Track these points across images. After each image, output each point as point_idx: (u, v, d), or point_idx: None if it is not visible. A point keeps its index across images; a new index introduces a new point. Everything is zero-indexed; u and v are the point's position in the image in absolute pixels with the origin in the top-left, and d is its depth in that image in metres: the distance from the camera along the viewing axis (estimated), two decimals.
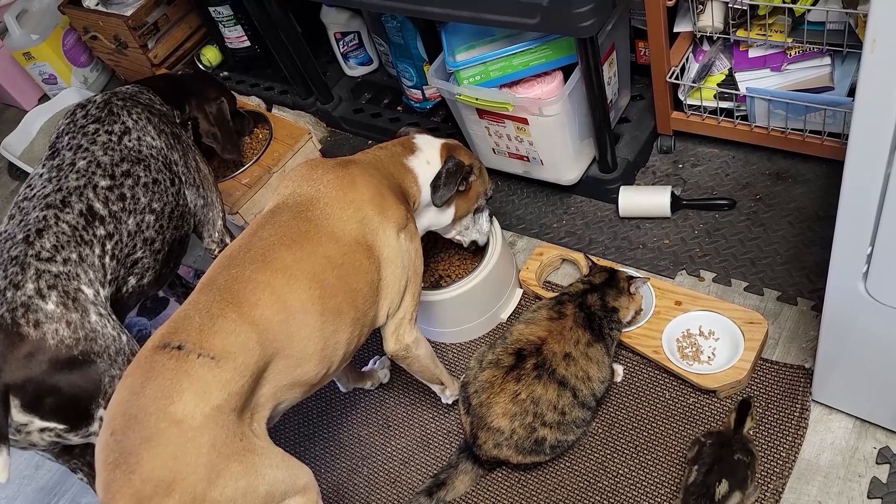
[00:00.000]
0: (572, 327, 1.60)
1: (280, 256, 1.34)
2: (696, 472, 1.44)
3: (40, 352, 1.35)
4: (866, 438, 1.51)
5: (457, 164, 1.63)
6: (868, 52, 0.91)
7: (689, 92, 1.97)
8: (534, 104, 1.82)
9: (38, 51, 3.25)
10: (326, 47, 2.72)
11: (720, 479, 1.41)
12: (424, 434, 1.81)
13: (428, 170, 1.63)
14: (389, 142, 1.67)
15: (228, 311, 1.26)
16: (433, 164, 1.64)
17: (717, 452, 1.45)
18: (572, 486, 1.62)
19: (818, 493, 1.47)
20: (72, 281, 1.43)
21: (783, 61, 1.81)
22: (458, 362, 1.91)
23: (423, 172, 1.62)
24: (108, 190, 1.57)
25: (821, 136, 1.83)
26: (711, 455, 1.45)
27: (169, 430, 1.13)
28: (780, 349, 1.68)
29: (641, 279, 1.69)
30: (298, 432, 1.92)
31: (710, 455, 1.45)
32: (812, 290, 1.73)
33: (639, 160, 2.11)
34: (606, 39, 1.87)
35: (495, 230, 1.88)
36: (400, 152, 1.62)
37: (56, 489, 2.05)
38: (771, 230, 1.88)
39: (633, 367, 1.75)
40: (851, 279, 1.24)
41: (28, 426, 1.37)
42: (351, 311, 1.39)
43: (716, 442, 1.47)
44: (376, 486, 1.76)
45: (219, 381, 1.19)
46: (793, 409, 1.58)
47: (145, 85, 1.88)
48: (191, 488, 1.12)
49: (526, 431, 1.54)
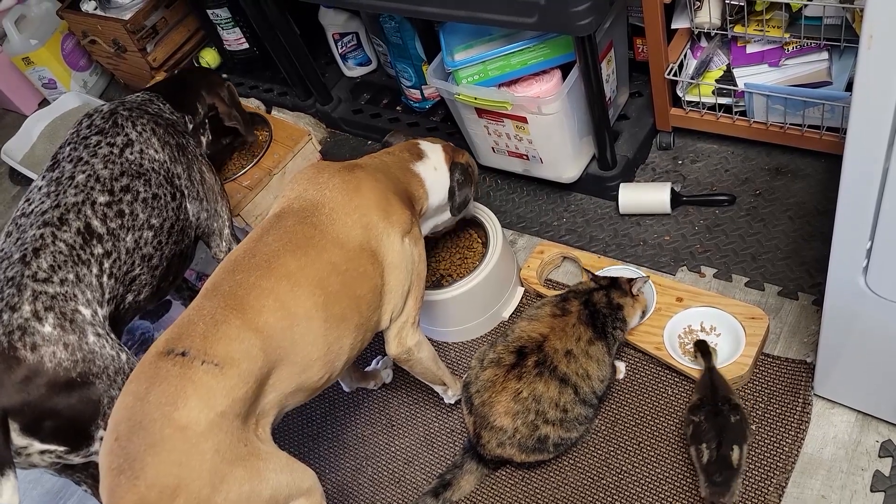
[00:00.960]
0: (575, 324, 1.61)
1: (284, 262, 1.34)
2: (706, 450, 1.46)
3: (38, 375, 1.34)
4: (869, 432, 1.51)
5: (463, 171, 1.68)
6: (865, 48, 0.92)
7: (688, 88, 1.97)
8: (532, 103, 1.83)
9: (38, 56, 3.25)
10: (325, 48, 2.73)
11: (731, 446, 1.45)
12: (428, 433, 1.81)
13: (435, 175, 1.65)
14: (396, 146, 1.69)
15: (232, 317, 1.26)
16: (440, 170, 1.66)
17: (716, 423, 1.48)
18: (576, 483, 1.62)
19: (821, 487, 1.47)
20: (69, 302, 1.42)
21: (781, 56, 1.81)
22: (460, 361, 1.91)
23: (430, 177, 1.65)
24: (107, 206, 1.55)
25: (819, 131, 1.84)
26: (713, 428, 1.47)
27: (173, 437, 1.14)
28: (781, 344, 1.68)
29: (642, 278, 1.70)
30: (303, 432, 1.93)
31: (711, 429, 1.48)
32: (813, 284, 1.74)
33: (638, 157, 2.11)
34: (604, 37, 1.88)
35: (495, 228, 1.89)
36: (407, 158, 1.64)
37: (62, 492, 2.06)
38: (771, 225, 1.88)
39: (636, 363, 1.75)
40: (851, 274, 1.24)
41: (28, 448, 1.36)
42: (355, 316, 1.40)
43: (708, 414, 1.50)
44: (380, 485, 1.77)
45: (223, 388, 1.19)
46: (795, 403, 1.58)
47: (155, 92, 1.88)
48: (195, 494, 1.13)
49: (528, 430, 1.55)
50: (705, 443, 1.47)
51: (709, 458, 1.46)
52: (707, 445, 1.47)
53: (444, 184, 1.67)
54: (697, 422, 1.51)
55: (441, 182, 1.67)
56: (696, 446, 1.49)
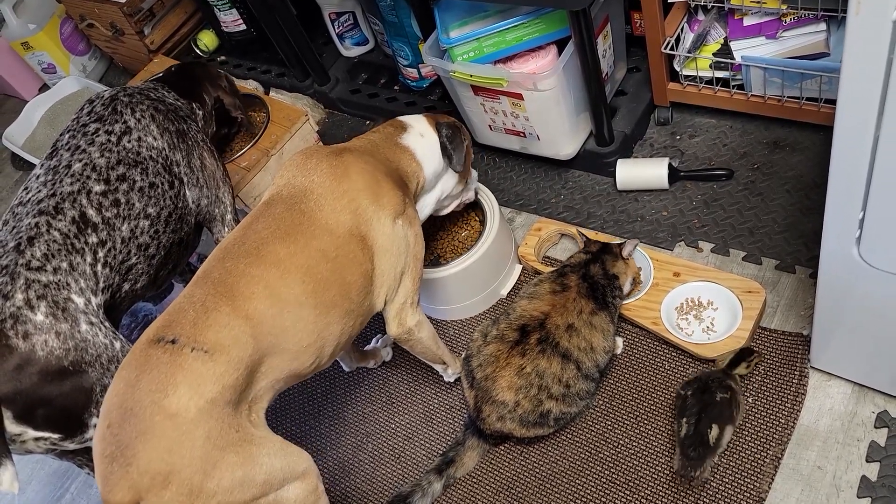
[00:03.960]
0: (576, 298, 1.62)
1: (274, 250, 1.35)
2: (685, 424, 1.48)
3: (30, 363, 1.35)
4: (865, 403, 1.52)
5: (450, 126, 1.66)
6: (853, 14, 0.91)
7: (685, 62, 1.96)
8: (528, 79, 1.82)
9: (36, 40, 3.25)
10: (322, 29, 2.72)
11: (710, 424, 1.46)
12: (427, 410, 1.83)
13: (423, 142, 1.63)
14: (381, 124, 1.67)
15: (222, 304, 1.27)
16: (427, 136, 1.64)
17: (700, 399, 1.49)
18: (574, 456, 1.64)
19: (817, 458, 1.48)
20: (62, 290, 1.42)
21: (778, 28, 1.80)
22: (459, 339, 1.92)
23: (420, 146, 1.62)
24: (102, 195, 1.55)
25: (817, 104, 1.82)
26: (696, 404, 1.49)
27: (164, 424, 1.15)
28: (778, 317, 1.69)
29: (630, 242, 1.71)
30: (304, 411, 1.95)
31: (694, 405, 1.49)
32: (810, 257, 1.74)
33: (636, 133, 2.10)
34: (600, 11, 1.86)
35: (493, 206, 1.89)
36: (392, 132, 1.62)
37: (69, 472, 2.09)
38: (769, 199, 1.87)
39: (633, 338, 1.76)
40: (845, 245, 1.24)
41: (22, 436, 1.38)
42: (345, 303, 1.40)
43: (696, 390, 1.51)
44: (381, 461, 1.79)
45: (212, 375, 1.20)
46: (791, 375, 1.59)
47: (161, 81, 1.88)
48: (187, 480, 1.15)
49: (532, 404, 1.56)
50: (685, 417, 1.49)
51: (685, 433, 1.47)
52: (687, 420, 1.48)
53: (435, 148, 1.65)
54: (684, 396, 1.53)
55: (431, 147, 1.64)
56: (679, 420, 1.51)
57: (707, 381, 1.52)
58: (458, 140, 1.67)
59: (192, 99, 1.90)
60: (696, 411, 1.48)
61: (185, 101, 1.87)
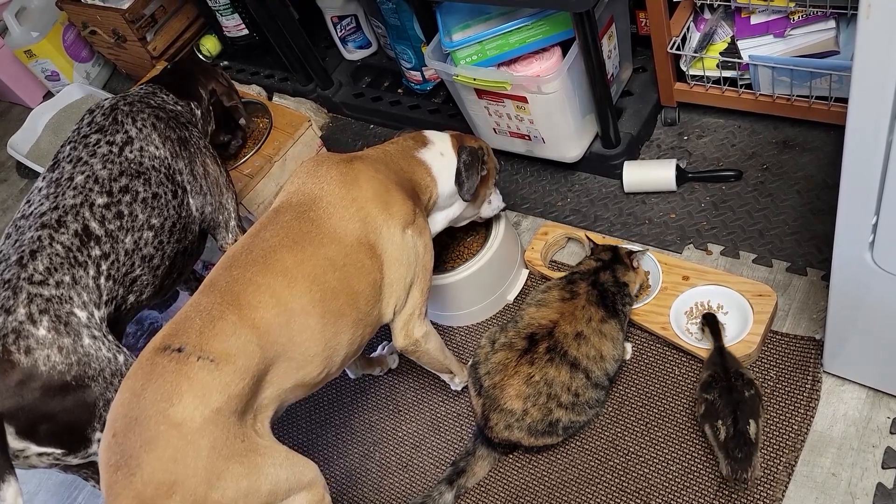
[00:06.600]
0: (585, 306, 1.60)
1: (281, 258, 1.33)
2: (723, 427, 1.45)
3: (32, 379, 1.34)
4: (879, 408, 1.49)
5: (471, 153, 1.63)
6: (864, 17, 0.88)
7: (692, 62, 1.93)
8: (532, 82, 1.80)
9: (39, 48, 3.25)
10: (324, 32, 2.70)
11: (748, 421, 1.44)
12: (435, 418, 1.81)
13: (442, 161, 1.61)
14: (401, 136, 1.66)
15: (229, 313, 1.26)
16: (447, 156, 1.63)
17: (730, 399, 1.46)
18: (584, 465, 1.62)
19: (831, 465, 1.46)
20: (64, 304, 1.41)
21: (786, 26, 1.77)
22: (466, 345, 1.90)
23: (437, 164, 1.60)
24: (105, 208, 1.54)
25: (827, 102, 1.79)
26: (728, 405, 1.46)
27: (169, 433, 1.14)
28: (790, 321, 1.66)
29: (640, 251, 1.69)
30: (310, 419, 1.93)
31: (726, 406, 1.46)
32: (822, 259, 1.71)
33: (643, 134, 2.08)
34: (605, 12, 1.84)
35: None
36: (411, 146, 1.61)
37: (76, 483, 2.08)
38: (779, 200, 1.84)
39: (642, 344, 1.73)
40: (857, 249, 1.21)
41: (26, 451, 1.37)
42: (353, 312, 1.38)
43: (723, 391, 1.48)
44: (389, 470, 1.77)
45: (218, 384, 1.19)
46: (804, 380, 1.56)
47: (157, 83, 1.86)
48: (191, 490, 1.13)
49: (541, 413, 1.54)
50: (720, 419, 1.45)
51: (726, 435, 1.44)
52: (723, 422, 1.45)
53: (453, 170, 1.63)
54: (711, 399, 1.49)
55: (449, 168, 1.62)
56: (712, 424, 1.47)
57: (728, 379, 1.49)
58: (474, 169, 1.63)
59: (189, 97, 1.88)
60: (731, 411, 1.45)
61: (184, 101, 1.85)
